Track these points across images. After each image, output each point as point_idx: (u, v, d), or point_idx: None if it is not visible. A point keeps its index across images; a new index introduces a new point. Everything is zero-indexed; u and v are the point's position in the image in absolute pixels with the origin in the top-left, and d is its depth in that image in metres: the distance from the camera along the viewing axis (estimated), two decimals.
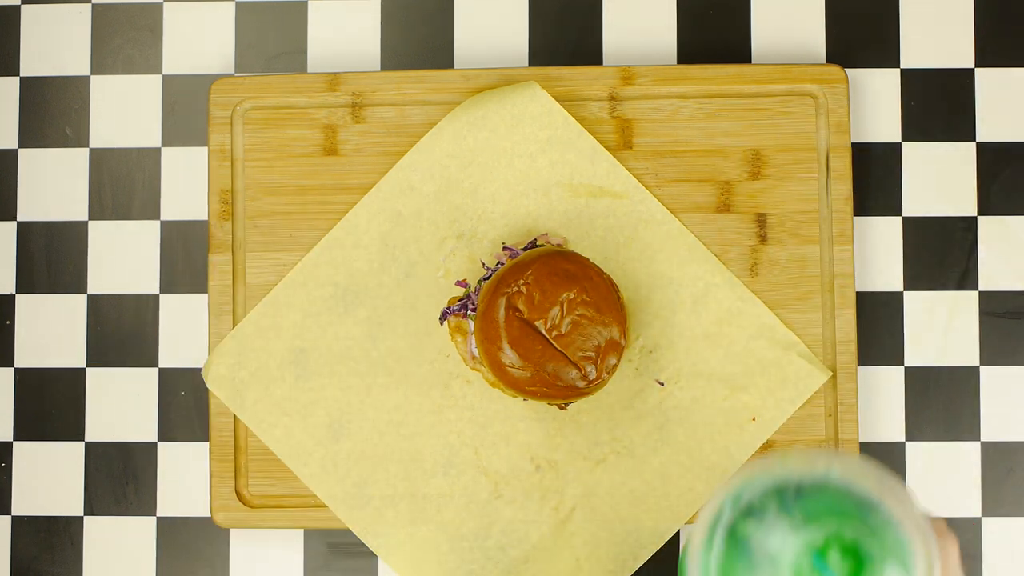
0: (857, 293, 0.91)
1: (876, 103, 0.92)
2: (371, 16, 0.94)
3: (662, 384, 0.87)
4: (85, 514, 0.91)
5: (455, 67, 0.93)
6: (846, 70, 0.90)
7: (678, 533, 0.90)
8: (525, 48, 0.93)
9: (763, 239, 0.88)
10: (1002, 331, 0.90)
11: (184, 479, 0.91)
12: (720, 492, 0.53)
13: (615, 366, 0.81)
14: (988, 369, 0.90)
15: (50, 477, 0.92)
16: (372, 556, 0.90)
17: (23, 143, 0.94)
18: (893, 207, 0.91)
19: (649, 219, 0.88)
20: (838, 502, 0.52)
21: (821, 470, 0.52)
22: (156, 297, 0.92)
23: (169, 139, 0.93)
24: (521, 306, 0.80)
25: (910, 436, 0.90)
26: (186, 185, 0.93)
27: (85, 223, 0.93)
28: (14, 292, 0.93)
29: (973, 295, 0.91)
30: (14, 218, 0.93)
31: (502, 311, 0.80)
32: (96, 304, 0.92)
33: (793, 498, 0.52)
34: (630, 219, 0.88)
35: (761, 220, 0.89)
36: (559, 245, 0.87)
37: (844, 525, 0.51)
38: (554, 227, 0.88)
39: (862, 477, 0.53)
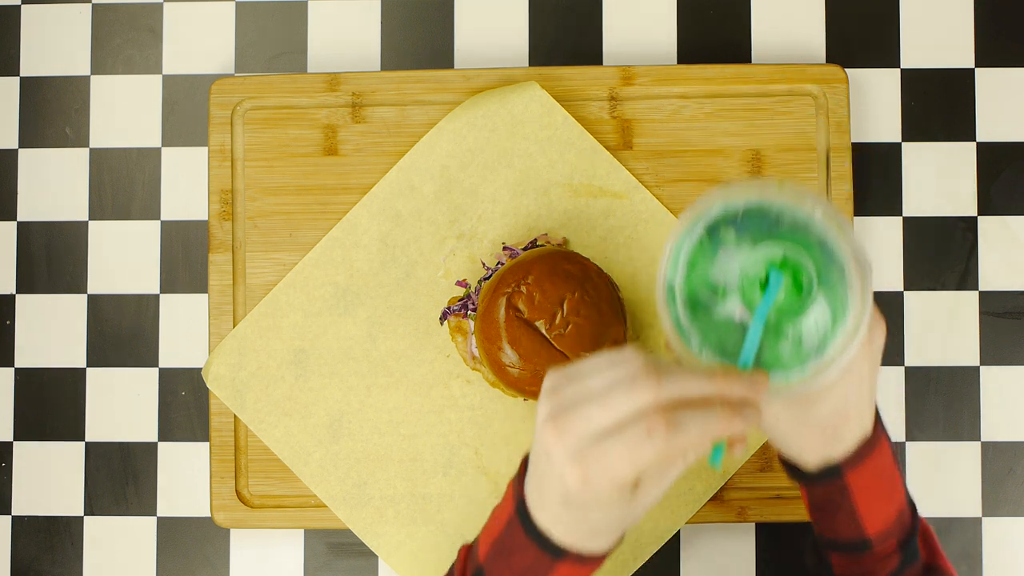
0: None
1: (876, 103, 0.92)
2: (371, 16, 0.94)
3: None
4: (85, 514, 0.91)
5: (455, 67, 0.93)
6: (846, 70, 0.90)
7: (678, 533, 0.90)
8: (525, 48, 0.93)
9: None
10: (1002, 331, 0.90)
11: (184, 479, 0.91)
12: (712, 198, 0.62)
13: None
14: (988, 369, 0.90)
15: (50, 477, 0.92)
16: (372, 556, 0.90)
17: (23, 143, 0.94)
18: (893, 207, 0.91)
19: (649, 219, 0.88)
20: (801, 236, 0.61)
21: (806, 208, 0.61)
22: (156, 297, 0.92)
23: (169, 139, 0.93)
24: (521, 306, 0.80)
25: (910, 436, 0.90)
26: (186, 185, 0.93)
27: (85, 223, 0.93)
28: (14, 292, 0.93)
29: (973, 295, 0.91)
30: (14, 218, 0.93)
31: (502, 311, 0.80)
32: (96, 304, 0.92)
33: (772, 223, 0.61)
34: (630, 219, 0.88)
35: None
36: (559, 245, 0.87)
37: (802, 254, 0.60)
38: (554, 227, 0.88)
39: (833, 224, 0.61)
